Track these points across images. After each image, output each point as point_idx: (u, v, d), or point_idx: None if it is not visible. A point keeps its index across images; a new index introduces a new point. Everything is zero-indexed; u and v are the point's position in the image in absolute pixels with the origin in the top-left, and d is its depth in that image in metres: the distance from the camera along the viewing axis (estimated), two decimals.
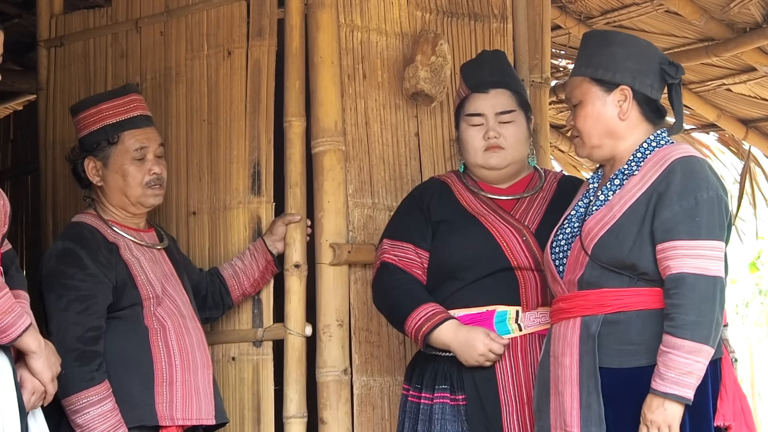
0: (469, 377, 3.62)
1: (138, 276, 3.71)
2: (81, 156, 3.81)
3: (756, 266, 14.58)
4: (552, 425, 3.29)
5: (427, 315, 3.63)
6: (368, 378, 4.10)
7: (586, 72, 3.36)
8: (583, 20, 5.89)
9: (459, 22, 4.51)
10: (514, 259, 3.67)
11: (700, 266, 3.09)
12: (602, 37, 3.44)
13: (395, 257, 3.76)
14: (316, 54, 4.14)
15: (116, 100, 3.82)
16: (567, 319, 3.29)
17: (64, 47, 4.78)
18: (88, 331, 3.57)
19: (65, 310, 3.58)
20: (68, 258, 3.65)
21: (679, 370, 3.07)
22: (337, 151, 4.11)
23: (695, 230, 3.12)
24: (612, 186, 3.32)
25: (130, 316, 3.67)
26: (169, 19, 4.48)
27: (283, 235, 4.09)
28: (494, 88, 3.80)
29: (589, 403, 3.19)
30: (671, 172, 3.20)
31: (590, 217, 3.30)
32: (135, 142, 3.78)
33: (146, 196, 3.79)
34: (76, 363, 3.52)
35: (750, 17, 5.56)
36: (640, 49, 3.37)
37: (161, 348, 3.66)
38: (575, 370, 3.23)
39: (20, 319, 3.10)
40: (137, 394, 3.61)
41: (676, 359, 3.07)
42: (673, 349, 3.08)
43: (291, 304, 4.06)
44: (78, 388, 3.51)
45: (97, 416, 3.51)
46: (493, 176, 3.81)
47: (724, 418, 3.16)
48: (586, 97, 3.35)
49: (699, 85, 6.35)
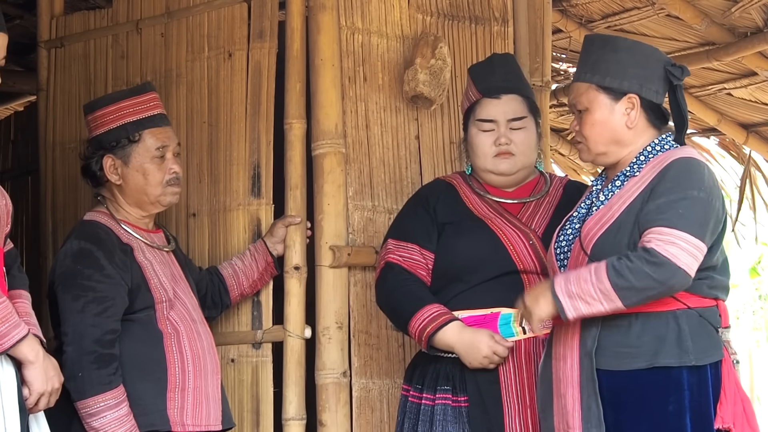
0: (472, 379, 3.61)
1: (151, 279, 3.68)
2: (98, 153, 3.77)
3: (756, 271, 14.58)
4: (556, 426, 3.29)
5: (431, 316, 3.62)
6: (367, 380, 4.09)
7: (593, 79, 3.34)
8: (584, 24, 5.90)
9: (460, 25, 4.51)
10: (520, 263, 3.67)
11: (670, 251, 3.09)
12: (608, 43, 3.40)
13: (400, 257, 3.76)
14: (316, 56, 4.14)
15: (136, 98, 3.79)
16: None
17: (65, 48, 4.78)
18: (106, 333, 3.53)
19: (82, 312, 3.54)
20: (85, 258, 3.60)
21: (582, 290, 3.13)
22: (338, 153, 4.11)
23: (674, 220, 3.12)
24: (613, 188, 3.33)
25: (143, 320, 3.64)
26: (169, 20, 4.48)
27: (283, 237, 4.08)
28: (506, 93, 3.80)
29: (589, 405, 3.20)
30: (667, 169, 3.22)
31: (590, 218, 3.31)
32: (156, 140, 3.76)
33: (165, 194, 3.77)
34: (94, 366, 3.49)
35: (751, 22, 5.56)
36: (646, 55, 3.36)
37: (175, 353, 3.64)
38: (576, 372, 3.24)
39: (16, 329, 3.08)
40: (150, 398, 3.58)
41: (588, 282, 3.12)
42: (594, 274, 3.12)
43: (290, 307, 4.06)
44: (96, 391, 3.48)
45: (114, 420, 3.48)
46: (502, 181, 3.81)
47: (723, 420, 3.16)
48: (593, 105, 3.34)
49: (700, 90, 6.34)
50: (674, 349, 3.16)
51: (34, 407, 3.17)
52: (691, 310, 3.20)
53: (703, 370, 3.17)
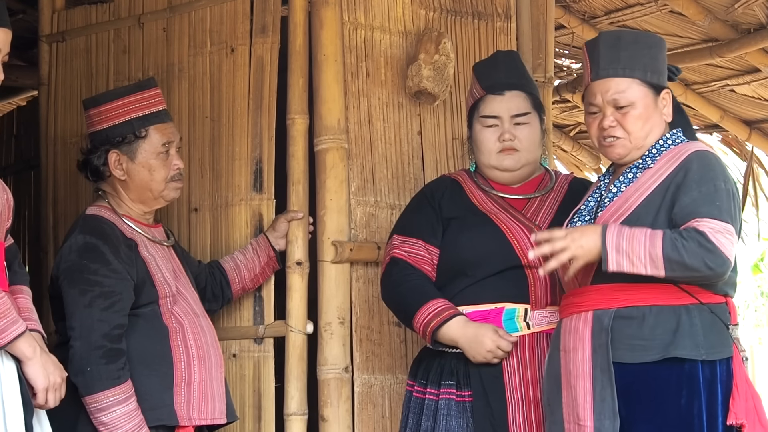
0: (476, 374, 3.62)
1: (155, 274, 3.68)
2: (102, 148, 3.75)
3: (759, 268, 14.60)
4: (565, 419, 3.29)
5: (435, 311, 3.63)
6: (369, 376, 4.09)
7: (634, 74, 3.34)
8: (587, 20, 5.90)
9: (463, 20, 4.50)
10: (525, 257, 3.66)
11: (720, 240, 3.12)
12: (639, 38, 3.44)
13: (405, 253, 3.76)
14: (319, 51, 4.14)
15: (141, 94, 3.78)
16: (578, 313, 3.29)
17: (66, 43, 4.77)
18: (114, 328, 3.53)
19: (89, 306, 3.53)
20: (91, 253, 3.59)
21: (633, 249, 3.13)
22: (340, 148, 4.11)
23: (716, 212, 3.16)
24: (625, 179, 3.34)
25: (149, 315, 3.64)
26: (171, 15, 4.48)
27: (286, 232, 4.08)
28: (510, 90, 3.80)
29: (603, 397, 3.20)
30: (689, 162, 3.24)
31: (605, 209, 3.32)
32: (162, 136, 3.75)
33: (169, 190, 3.77)
34: (102, 360, 3.49)
35: (754, 18, 5.55)
36: (665, 51, 3.43)
37: (180, 347, 3.64)
38: (588, 364, 3.24)
39: (13, 326, 3.08)
40: (157, 393, 3.58)
41: (642, 244, 3.12)
42: (649, 238, 3.12)
43: (292, 302, 4.06)
44: (105, 386, 3.47)
45: (123, 415, 3.48)
46: (506, 177, 3.81)
47: (737, 416, 3.16)
48: (639, 100, 3.34)
49: (702, 86, 6.35)
50: (687, 342, 3.17)
51: (44, 405, 3.18)
52: (703, 305, 3.21)
53: (714, 365, 3.19)
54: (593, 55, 3.40)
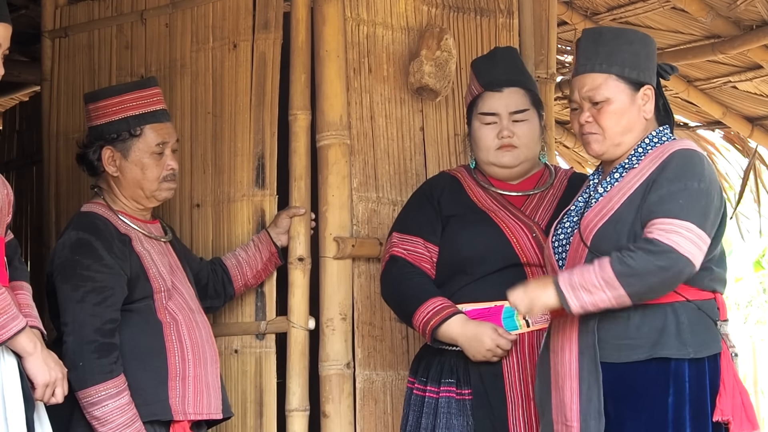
0: (476, 372, 3.62)
1: (150, 269, 3.69)
2: (97, 144, 3.77)
3: (761, 264, 14.58)
4: (554, 420, 3.29)
5: (435, 309, 3.63)
6: (371, 372, 4.10)
7: (611, 69, 3.31)
8: (590, 16, 5.89)
9: (465, 17, 4.50)
10: (524, 255, 3.67)
11: (672, 239, 3.10)
12: (621, 34, 3.40)
13: (404, 251, 3.76)
14: (321, 47, 4.14)
15: (140, 92, 3.79)
16: (566, 314, 3.28)
17: (69, 38, 4.77)
18: (106, 323, 3.54)
19: (82, 302, 3.55)
20: (83, 248, 3.61)
21: (585, 280, 3.13)
22: (342, 144, 4.11)
23: (676, 210, 3.13)
24: (611, 180, 3.33)
25: (142, 310, 3.65)
26: (174, 11, 4.48)
27: (288, 228, 4.08)
28: (508, 86, 3.80)
29: (590, 398, 3.19)
30: (668, 161, 3.22)
31: (589, 210, 3.31)
32: (157, 136, 3.76)
33: (161, 190, 3.78)
34: (94, 355, 3.50)
35: (756, 14, 5.55)
36: (653, 48, 3.39)
37: (174, 342, 3.65)
38: (574, 365, 3.24)
39: (14, 321, 3.09)
40: (151, 388, 3.59)
41: (591, 272, 3.13)
42: (597, 265, 3.13)
43: (294, 298, 4.06)
44: (97, 381, 3.49)
45: (116, 409, 3.49)
46: (505, 174, 3.81)
47: (722, 413, 3.16)
48: (614, 95, 3.31)
49: (705, 83, 6.34)
50: (674, 341, 3.17)
51: (44, 398, 3.19)
52: (690, 302, 3.20)
53: (702, 362, 3.18)
54: (576, 51, 3.41)
